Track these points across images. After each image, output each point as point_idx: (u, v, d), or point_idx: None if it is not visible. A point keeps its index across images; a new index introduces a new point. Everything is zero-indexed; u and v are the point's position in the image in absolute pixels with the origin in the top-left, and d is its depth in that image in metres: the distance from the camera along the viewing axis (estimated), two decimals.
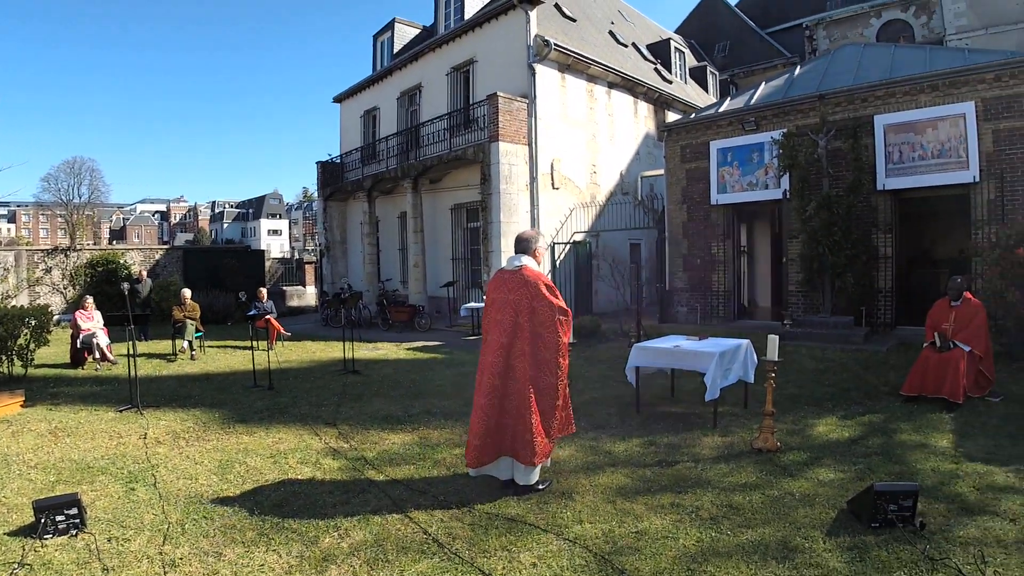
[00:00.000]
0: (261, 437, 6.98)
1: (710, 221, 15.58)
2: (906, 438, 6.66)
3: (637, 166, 22.13)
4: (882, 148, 12.98)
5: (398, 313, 18.19)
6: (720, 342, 7.89)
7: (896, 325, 13.16)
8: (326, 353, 13.70)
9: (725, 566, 3.95)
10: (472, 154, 17.41)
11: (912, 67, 13.42)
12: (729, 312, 15.52)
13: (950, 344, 7.93)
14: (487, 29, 19.14)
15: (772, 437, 6.28)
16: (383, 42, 25.62)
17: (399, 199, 21.32)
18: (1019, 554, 4.03)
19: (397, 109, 23.25)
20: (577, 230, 19.12)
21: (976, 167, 12.02)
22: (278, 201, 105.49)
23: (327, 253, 25.05)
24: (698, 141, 15.76)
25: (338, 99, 27.39)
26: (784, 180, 13.98)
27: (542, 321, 5.03)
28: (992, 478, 5.38)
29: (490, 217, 16.88)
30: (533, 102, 17.63)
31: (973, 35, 20.95)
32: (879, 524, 4.38)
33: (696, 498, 5.04)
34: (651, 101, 23.31)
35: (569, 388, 5.35)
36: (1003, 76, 11.83)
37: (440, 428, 7.28)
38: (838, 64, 15.32)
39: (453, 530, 4.47)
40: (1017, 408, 7.68)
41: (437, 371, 11.23)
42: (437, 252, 20.18)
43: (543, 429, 5.01)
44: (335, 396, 9.19)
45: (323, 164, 25.14)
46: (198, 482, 5.52)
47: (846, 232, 12.53)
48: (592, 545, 4.23)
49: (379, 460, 6.12)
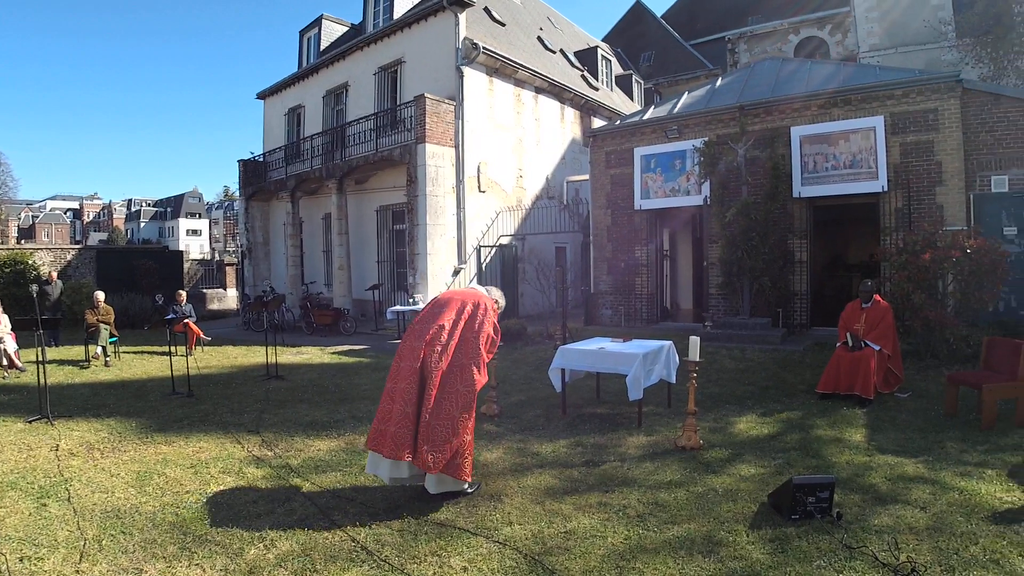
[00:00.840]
0: (181, 447, 6.78)
1: (634, 226, 15.90)
2: (822, 433, 7.01)
3: (563, 171, 22.40)
4: (798, 158, 13.52)
5: (322, 316, 17.90)
6: (643, 344, 8.10)
7: (811, 326, 13.72)
8: (248, 358, 13.40)
9: (653, 562, 4.07)
10: (399, 155, 17.29)
11: (827, 82, 14.04)
12: (652, 314, 15.86)
13: (861, 344, 8.43)
14: (416, 30, 19.05)
15: (695, 435, 6.52)
16: (310, 38, 25.13)
17: (324, 200, 20.99)
18: (930, 539, 4.32)
19: (323, 108, 22.88)
20: (503, 233, 19.23)
21: (884, 177, 12.65)
22: (198, 200, 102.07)
23: (249, 255, 24.38)
24: (623, 147, 16.06)
25: (262, 95, 26.67)
26: (705, 187, 14.39)
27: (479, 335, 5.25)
28: (903, 469, 5.75)
29: (416, 219, 16.82)
30: (461, 104, 17.65)
31: (884, 53, 21.99)
32: (799, 516, 4.61)
33: (623, 497, 5.18)
34: (578, 107, 23.64)
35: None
36: (910, 93, 12.55)
37: (366, 434, 7.11)
38: (758, 77, 15.89)
39: (382, 537, 4.46)
40: (924, 403, 8.19)
41: (363, 375, 11.15)
42: (362, 254, 19.94)
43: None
44: (258, 402, 9.01)
45: (245, 162, 24.42)
46: (115, 496, 5.33)
47: (764, 237, 13.01)
48: (522, 547, 4.29)
49: (305, 468, 6.05)
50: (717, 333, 13.08)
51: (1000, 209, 12.09)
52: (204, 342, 14.86)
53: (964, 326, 10.05)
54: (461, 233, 17.79)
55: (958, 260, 9.96)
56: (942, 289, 10.47)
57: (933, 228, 10.93)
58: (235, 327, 20.85)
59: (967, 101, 12.20)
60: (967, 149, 12.16)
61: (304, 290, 20.50)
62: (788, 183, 13.56)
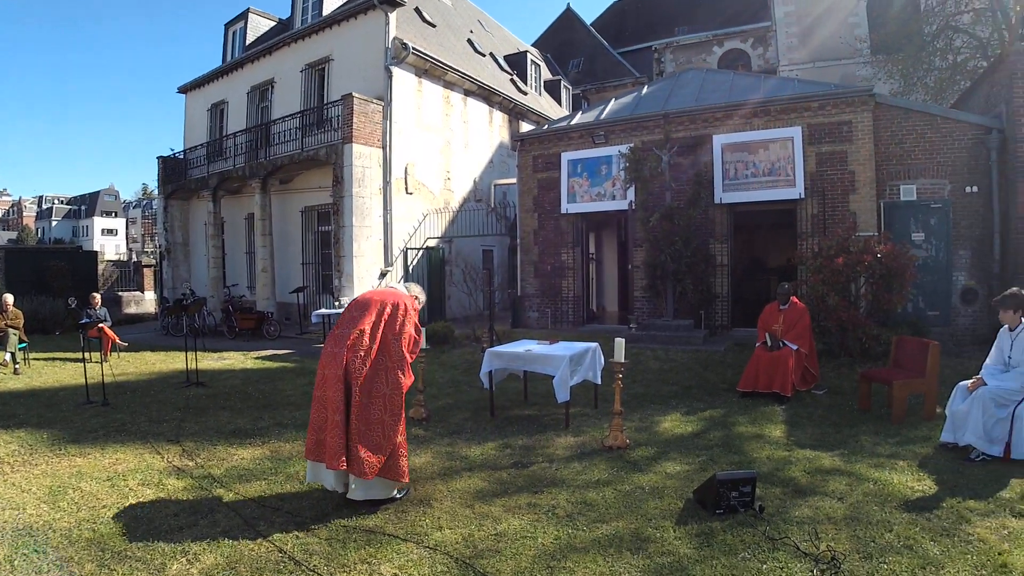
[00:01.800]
0: (96, 459, 6.45)
1: (560, 229, 16.07)
2: (743, 430, 7.24)
3: (491, 174, 22.45)
4: (719, 165, 13.94)
5: (245, 320, 17.43)
6: (570, 346, 8.19)
7: (732, 327, 14.14)
8: (167, 364, 12.89)
9: (583, 561, 4.12)
10: (325, 155, 17.03)
11: (748, 93, 14.54)
12: (579, 317, 16.06)
13: (780, 344, 8.80)
14: (345, 28, 18.79)
15: (622, 435, 6.65)
16: (235, 32, 24.43)
17: (247, 199, 20.45)
18: (847, 529, 4.52)
19: (247, 104, 22.25)
20: (430, 236, 19.13)
21: (802, 185, 13.18)
22: (114, 198, 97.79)
23: (168, 256, 23.52)
24: (550, 152, 16.23)
25: (184, 89, 25.67)
26: (630, 192, 14.67)
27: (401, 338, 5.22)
28: (820, 462, 6.00)
29: (342, 221, 16.58)
30: (389, 105, 17.50)
31: (803, 67, 22.93)
32: (723, 510, 4.76)
33: (552, 497, 5.23)
34: (506, 111, 23.74)
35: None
36: (826, 105, 13.13)
37: (292, 441, 7.05)
38: (683, 86, 16.30)
39: (310, 546, 4.37)
40: (839, 399, 8.60)
41: (287, 381, 10.89)
42: (287, 256, 19.49)
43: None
44: (178, 411, 8.66)
45: (165, 159, 23.57)
46: (27, 512, 5.03)
47: (686, 241, 13.34)
48: (453, 551, 4.28)
49: (228, 477, 5.86)
50: (642, 335, 13.33)
51: (909, 216, 12.76)
52: (120, 348, 14.21)
53: (875, 326, 10.55)
54: (388, 235, 17.62)
55: (870, 264, 10.45)
56: (855, 291, 10.96)
57: (847, 234, 11.49)
58: (153, 332, 19.98)
59: (879, 114, 12.86)
60: (878, 159, 12.80)
61: (226, 293, 19.90)
62: (710, 189, 13.97)
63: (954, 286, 12.52)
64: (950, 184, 12.46)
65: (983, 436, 5.92)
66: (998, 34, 16.79)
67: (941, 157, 12.49)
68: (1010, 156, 11.70)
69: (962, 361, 10.05)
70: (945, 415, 6.42)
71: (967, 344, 11.81)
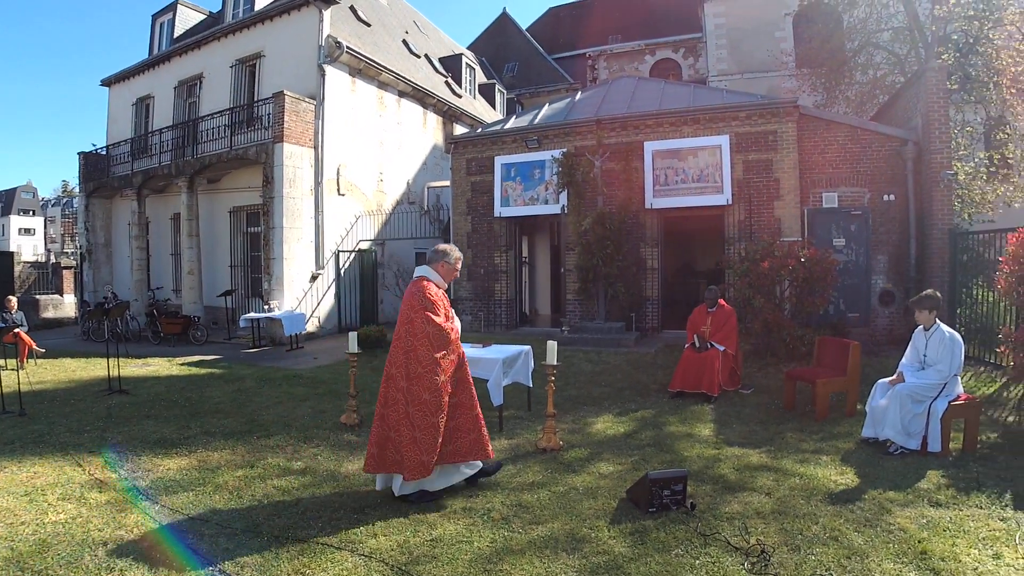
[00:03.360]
0: (13, 472, 6.08)
1: (494, 232, 16.10)
2: (674, 429, 7.40)
3: (424, 176, 22.28)
4: (650, 171, 14.19)
5: (170, 325, 16.80)
6: (502, 349, 8.21)
7: (663, 329, 14.40)
8: (88, 371, 12.29)
9: (519, 563, 4.12)
10: (254, 154, 16.62)
11: (679, 101, 14.89)
12: (512, 320, 16.11)
13: (708, 345, 9.05)
14: (278, 23, 18.36)
15: (555, 437, 6.68)
16: (163, 24, 23.44)
17: (173, 199, 19.78)
18: (776, 522, 4.65)
19: (174, 99, 21.40)
20: (363, 238, 18.89)
21: (729, 192, 13.54)
22: (32, 195, 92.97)
23: (89, 257, 22.47)
24: (484, 155, 16.24)
25: (107, 82, 24.45)
26: (563, 196, 14.79)
27: (415, 333, 5.14)
28: (748, 459, 6.18)
29: (272, 222, 16.20)
30: (321, 104, 17.21)
31: (731, 78, 23.73)
32: (656, 509, 4.84)
33: (487, 500, 5.21)
34: (440, 113, 23.63)
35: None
36: (753, 115, 13.56)
37: (220, 450, 6.83)
38: (615, 93, 16.57)
39: (240, 559, 4.23)
40: (765, 398, 8.87)
41: (215, 387, 10.51)
42: (214, 258, 18.93)
43: (417, 443, 4.99)
44: (100, 420, 8.25)
45: (87, 155, 22.46)
46: None
47: (618, 246, 13.52)
48: (388, 558, 4.21)
49: (154, 489, 5.61)
50: (574, 337, 13.44)
51: (830, 222, 13.24)
52: (38, 354, 13.49)
53: (799, 327, 10.92)
54: (319, 237, 17.31)
55: (794, 268, 10.82)
56: (780, 294, 11.33)
57: (772, 239, 11.92)
58: (73, 337, 19.14)
59: (803, 125, 13.35)
60: (802, 168, 13.27)
61: (150, 296, 19.20)
62: (641, 194, 14.25)
63: (873, 289, 13.07)
64: (869, 192, 13.01)
65: (901, 431, 6.19)
66: (915, 51, 17.62)
67: (861, 166, 13.05)
68: (924, 166, 12.29)
69: (881, 360, 10.46)
70: (866, 411, 6.69)
71: (885, 344, 12.32)
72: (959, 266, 11.29)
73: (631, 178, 14.29)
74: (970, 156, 16.34)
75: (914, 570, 3.93)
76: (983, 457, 6.07)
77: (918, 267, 12.50)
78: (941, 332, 6.37)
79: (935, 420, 6.12)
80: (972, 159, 16.27)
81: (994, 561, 4.02)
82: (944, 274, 11.55)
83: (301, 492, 5.50)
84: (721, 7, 24.97)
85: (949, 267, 11.49)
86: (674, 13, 32.24)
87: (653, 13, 33.23)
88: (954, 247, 11.46)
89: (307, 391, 10.10)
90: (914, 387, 6.28)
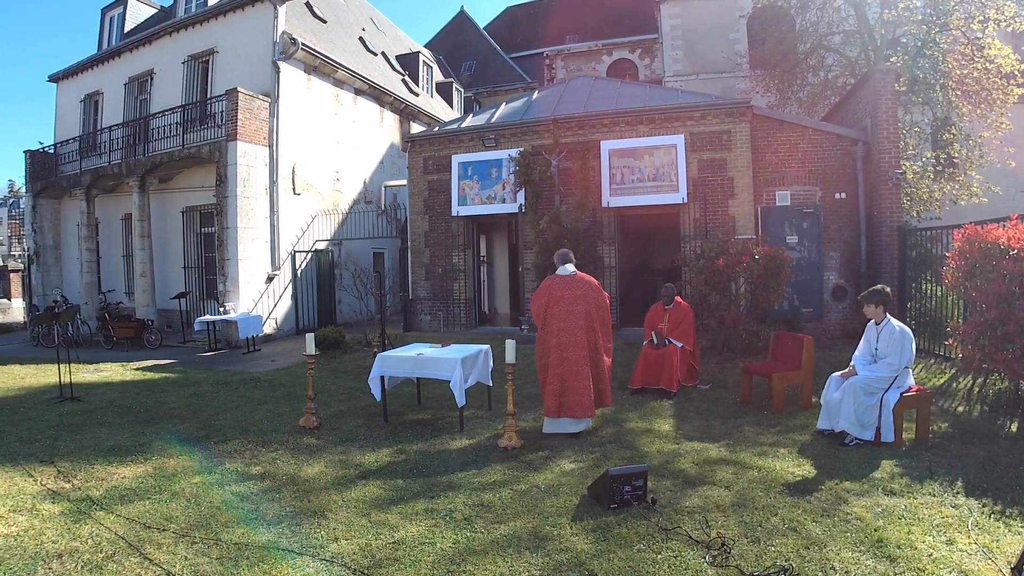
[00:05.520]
0: None
1: (451, 231, 16.04)
2: (634, 425, 7.45)
3: (381, 175, 22.12)
4: (607, 170, 14.28)
5: (123, 329, 16.34)
6: (461, 348, 8.21)
7: (621, 327, 14.43)
8: (37, 378, 11.88)
9: (482, 563, 4.11)
10: (207, 153, 16.28)
11: (635, 101, 15.02)
12: (471, 319, 16.06)
13: (666, 341, 9.15)
14: (231, 19, 17.99)
15: (515, 435, 6.65)
16: (113, 18, 22.83)
17: (124, 199, 19.25)
18: (736, 515, 4.72)
19: (125, 96, 20.77)
20: (319, 238, 18.66)
21: (684, 190, 13.68)
22: None
23: (37, 259, 21.73)
24: (441, 154, 16.17)
25: (55, 78, 23.61)
26: (520, 195, 14.82)
27: (602, 304, 7.19)
28: (707, 453, 6.25)
29: (226, 222, 15.88)
30: (276, 102, 16.94)
31: (686, 79, 24.02)
32: (617, 504, 4.86)
33: (449, 501, 5.19)
34: (397, 111, 23.47)
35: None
36: (708, 115, 13.74)
37: (177, 456, 6.67)
38: (572, 93, 16.65)
39: (200, 567, 4.14)
40: (723, 393, 9.00)
41: (171, 392, 10.26)
42: (167, 260, 18.47)
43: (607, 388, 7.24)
44: (51, 428, 7.99)
45: (33, 154, 21.66)
46: None
47: (575, 244, 13.49)
48: (350, 562, 4.17)
49: (108, 498, 5.45)
50: (533, 336, 13.38)
51: (783, 220, 13.48)
52: None
53: (754, 323, 11.13)
54: (275, 237, 17.04)
55: (748, 265, 10.99)
56: (735, 291, 11.51)
57: (726, 237, 12.13)
58: (21, 343, 18.54)
59: (756, 125, 13.57)
60: (756, 167, 13.50)
61: (102, 299, 18.64)
62: (598, 193, 14.32)
63: (825, 285, 13.36)
64: (821, 191, 13.29)
65: (855, 422, 6.32)
66: (865, 54, 18.05)
67: (813, 166, 13.33)
68: (874, 165, 12.61)
69: (834, 353, 10.70)
70: (820, 404, 6.81)
71: (838, 338, 12.58)
72: (908, 262, 11.61)
73: (588, 177, 14.35)
74: (918, 156, 16.82)
75: (871, 558, 4.00)
76: (935, 446, 6.22)
77: (869, 263, 12.81)
78: (891, 326, 6.52)
79: (887, 411, 6.26)
80: (920, 158, 16.75)
81: (947, 547, 4.12)
82: (894, 270, 11.86)
83: (260, 497, 5.41)
84: (677, 8, 25.25)
85: (899, 263, 11.80)
86: (631, 14, 32.54)
87: (610, 14, 33.54)
88: (903, 243, 11.78)
89: (265, 394, 9.93)
90: (866, 379, 6.42)
